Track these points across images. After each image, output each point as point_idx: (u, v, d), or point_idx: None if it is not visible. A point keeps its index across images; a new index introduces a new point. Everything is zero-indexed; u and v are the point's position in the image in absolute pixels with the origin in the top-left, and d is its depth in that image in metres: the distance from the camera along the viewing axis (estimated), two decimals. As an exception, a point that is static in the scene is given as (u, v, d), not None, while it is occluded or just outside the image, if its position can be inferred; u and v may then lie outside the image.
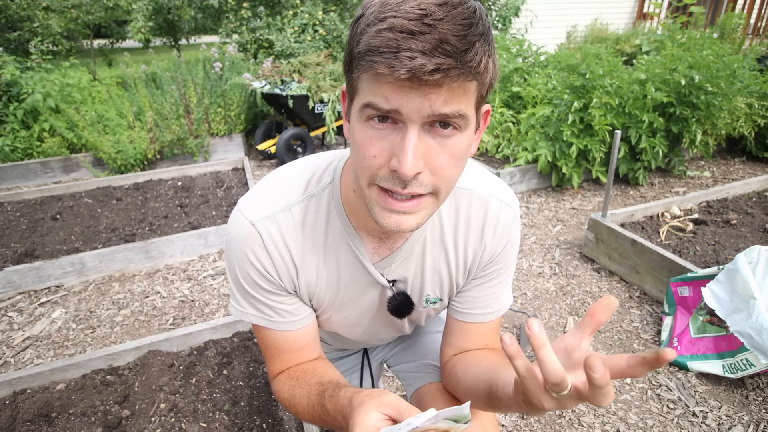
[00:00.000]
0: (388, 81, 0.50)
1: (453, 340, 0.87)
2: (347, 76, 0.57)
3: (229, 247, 0.74)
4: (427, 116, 0.52)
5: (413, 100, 0.50)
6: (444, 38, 0.47)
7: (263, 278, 0.73)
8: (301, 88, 3.96)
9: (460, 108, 0.52)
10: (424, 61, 0.47)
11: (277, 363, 0.81)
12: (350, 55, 0.55)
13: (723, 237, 2.45)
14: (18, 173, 4.01)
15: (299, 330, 0.79)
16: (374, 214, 0.60)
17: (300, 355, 0.81)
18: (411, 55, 0.47)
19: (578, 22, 7.60)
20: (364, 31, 0.51)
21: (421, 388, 1.05)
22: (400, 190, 0.56)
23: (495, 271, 0.82)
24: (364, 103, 0.53)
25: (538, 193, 3.55)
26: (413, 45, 0.47)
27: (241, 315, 0.77)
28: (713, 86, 3.21)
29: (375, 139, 0.55)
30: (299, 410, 0.74)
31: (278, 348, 0.79)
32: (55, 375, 1.73)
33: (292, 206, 0.72)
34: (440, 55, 0.47)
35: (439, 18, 0.47)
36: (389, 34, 0.48)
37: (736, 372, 1.66)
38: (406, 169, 0.52)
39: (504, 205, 0.78)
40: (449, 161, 0.56)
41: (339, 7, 5.95)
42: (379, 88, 0.51)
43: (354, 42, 0.53)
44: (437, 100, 0.50)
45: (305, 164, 0.77)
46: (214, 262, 2.71)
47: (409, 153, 0.52)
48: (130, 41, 7.99)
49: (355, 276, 0.77)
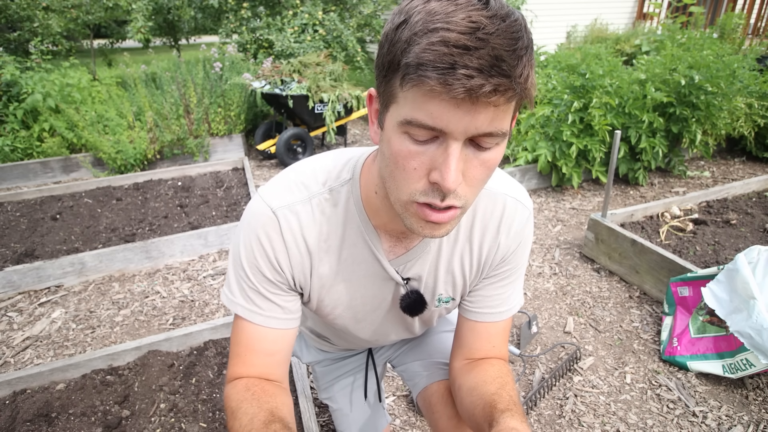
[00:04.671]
0: (440, 98, 0.49)
1: (463, 340, 0.87)
2: (383, 81, 0.55)
3: (243, 229, 0.72)
4: (472, 135, 0.52)
5: (461, 120, 0.50)
6: (498, 55, 0.46)
7: (270, 266, 0.72)
8: (301, 88, 3.96)
9: (503, 126, 0.52)
10: (482, 81, 0.46)
11: (240, 364, 0.76)
12: (391, 63, 0.52)
13: (723, 237, 2.45)
14: (18, 173, 4.01)
15: (280, 331, 0.76)
16: (410, 224, 0.60)
17: (268, 362, 0.77)
18: (468, 74, 0.46)
19: (578, 22, 7.59)
20: (412, 40, 0.49)
21: (429, 388, 1.04)
22: (439, 203, 0.56)
23: (507, 271, 0.82)
24: (407, 119, 0.52)
25: (538, 193, 3.55)
26: (469, 62, 0.46)
27: (229, 303, 0.76)
28: (713, 86, 3.21)
29: (415, 153, 0.54)
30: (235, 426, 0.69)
31: (250, 347, 0.76)
32: (55, 375, 1.73)
33: (312, 198, 0.72)
34: (497, 75, 0.46)
35: (490, 32, 0.46)
36: (443, 48, 0.46)
37: (736, 372, 1.67)
38: (450, 183, 0.52)
39: (520, 204, 0.78)
40: (485, 173, 0.57)
41: (339, 7, 5.95)
42: (425, 104, 0.50)
43: (398, 50, 0.51)
44: (484, 120, 0.50)
45: (325, 159, 0.77)
46: (214, 262, 2.71)
47: (452, 168, 0.52)
48: (130, 41, 7.98)
49: (370, 272, 0.77)
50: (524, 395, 1.74)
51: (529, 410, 1.68)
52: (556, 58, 4.26)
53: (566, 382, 1.81)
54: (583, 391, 1.77)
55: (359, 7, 5.94)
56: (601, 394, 1.75)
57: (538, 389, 1.72)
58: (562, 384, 1.81)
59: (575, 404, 1.71)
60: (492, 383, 0.77)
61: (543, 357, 1.94)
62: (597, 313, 2.20)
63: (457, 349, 0.89)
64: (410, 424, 1.67)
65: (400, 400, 1.77)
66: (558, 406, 1.71)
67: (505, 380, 0.79)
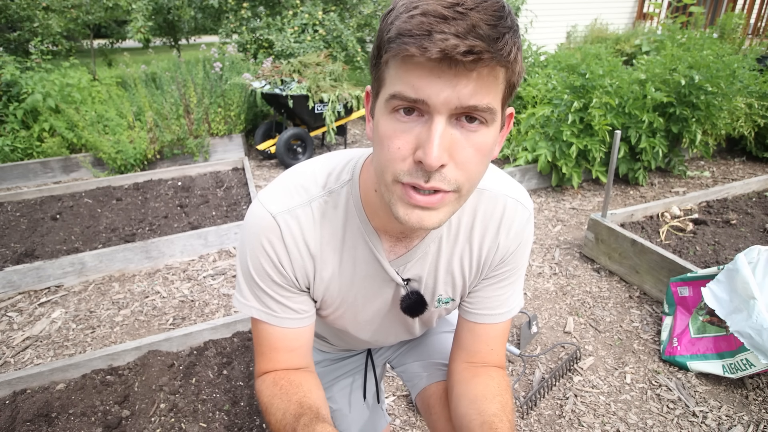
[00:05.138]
0: (418, 63, 0.50)
1: (462, 342, 0.87)
2: (374, 71, 0.57)
3: (246, 236, 0.73)
4: (455, 108, 0.51)
5: (442, 90, 0.50)
6: (476, 24, 0.48)
7: (276, 270, 0.73)
8: (301, 88, 3.96)
9: (487, 100, 0.52)
10: (456, 42, 0.47)
11: (266, 361, 0.79)
12: (379, 47, 0.55)
13: (723, 237, 2.45)
14: (18, 173, 4.01)
15: (298, 329, 0.78)
16: (396, 210, 0.59)
17: (291, 357, 0.79)
18: (444, 37, 0.47)
19: (578, 22, 7.59)
20: (395, 20, 0.51)
21: (428, 389, 1.04)
22: (423, 183, 0.55)
23: (506, 272, 0.82)
24: (391, 93, 0.53)
25: (538, 193, 3.55)
26: (446, 28, 0.47)
27: (244, 308, 0.77)
28: (713, 86, 3.21)
29: (399, 132, 0.55)
30: (271, 421, 0.74)
31: (272, 346, 0.78)
32: (55, 375, 1.73)
33: (312, 201, 0.72)
34: (473, 38, 0.48)
35: (470, 7, 0.48)
36: (422, 18, 0.49)
37: (736, 372, 1.67)
38: (432, 159, 0.52)
39: (520, 205, 0.78)
40: (474, 156, 0.56)
41: (339, 7, 5.95)
42: (407, 75, 0.51)
43: (384, 32, 0.53)
44: (465, 90, 0.50)
45: (324, 161, 0.77)
46: (214, 262, 2.71)
47: (435, 143, 0.52)
48: (130, 41, 7.98)
49: (371, 273, 0.77)
50: (524, 395, 1.74)
51: (529, 410, 1.68)
52: (556, 58, 4.26)
53: (566, 382, 1.81)
54: (583, 391, 1.77)
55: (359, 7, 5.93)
56: (601, 394, 1.75)
57: (538, 389, 1.72)
58: (562, 384, 1.81)
59: (575, 404, 1.71)
60: (493, 401, 0.78)
61: (543, 357, 1.94)
62: (597, 313, 2.20)
63: (457, 351, 0.89)
64: (410, 424, 1.67)
65: (400, 401, 1.77)
66: (558, 406, 1.71)
67: (506, 399, 0.80)
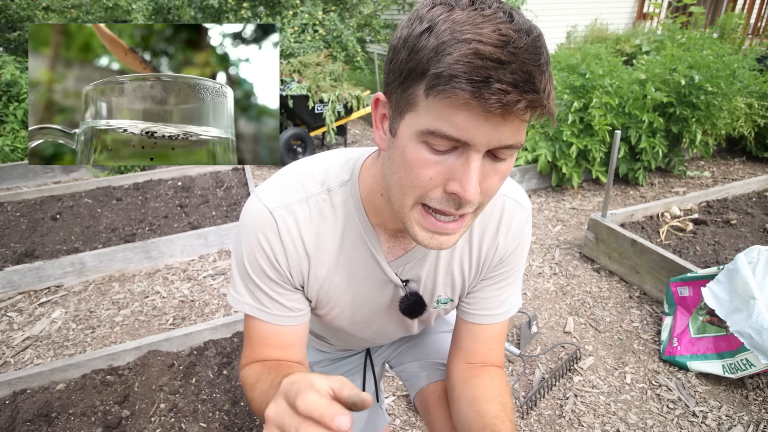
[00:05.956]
0: (470, 111, 0.48)
1: (461, 342, 0.87)
2: (400, 87, 0.54)
3: (242, 230, 0.73)
4: (494, 147, 0.52)
5: (486, 133, 0.50)
6: (528, 70, 0.47)
7: (271, 266, 0.72)
8: (301, 88, 3.96)
9: (521, 138, 0.53)
10: (518, 97, 0.46)
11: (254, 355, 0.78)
12: (414, 70, 0.51)
13: (723, 237, 2.45)
14: (18, 173, 4.01)
15: (290, 327, 0.77)
16: (414, 233, 0.60)
17: (282, 354, 0.78)
18: (503, 88, 0.46)
19: (578, 22, 7.59)
20: (441, 50, 0.48)
21: (426, 388, 1.04)
22: (454, 211, 0.56)
23: (505, 273, 0.82)
24: (429, 129, 0.51)
25: (538, 193, 3.55)
26: (503, 76, 0.46)
27: (237, 304, 0.76)
28: (713, 86, 3.21)
29: (432, 163, 0.54)
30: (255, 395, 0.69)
31: (263, 342, 0.77)
32: (55, 375, 1.73)
33: (310, 198, 0.72)
34: (530, 91, 0.47)
35: (519, 47, 0.46)
36: (477, 61, 0.46)
37: (736, 372, 1.67)
38: (471, 195, 0.53)
39: (518, 205, 0.78)
40: (499, 182, 0.57)
41: (339, 7, 5.95)
42: (452, 116, 0.49)
43: (423, 57, 0.50)
44: (506, 133, 0.51)
45: (322, 160, 0.76)
46: (214, 262, 2.71)
47: (473, 180, 0.52)
48: (130, 41, 7.98)
49: (369, 273, 0.77)
50: (524, 395, 1.74)
51: (529, 410, 1.68)
52: (556, 58, 4.25)
53: (566, 382, 1.81)
54: (583, 391, 1.77)
55: (359, 7, 5.93)
56: (601, 394, 1.75)
57: (538, 389, 1.72)
58: (562, 384, 1.81)
59: (575, 404, 1.71)
60: (493, 402, 0.78)
61: (543, 357, 1.94)
62: (597, 313, 2.20)
63: (455, 351, 0.89)
64: (410, 424, 1.67)
65: (400, 400, 1.77)
66: (558, 406, 1.71)
67: (506, 400, 0.80)
